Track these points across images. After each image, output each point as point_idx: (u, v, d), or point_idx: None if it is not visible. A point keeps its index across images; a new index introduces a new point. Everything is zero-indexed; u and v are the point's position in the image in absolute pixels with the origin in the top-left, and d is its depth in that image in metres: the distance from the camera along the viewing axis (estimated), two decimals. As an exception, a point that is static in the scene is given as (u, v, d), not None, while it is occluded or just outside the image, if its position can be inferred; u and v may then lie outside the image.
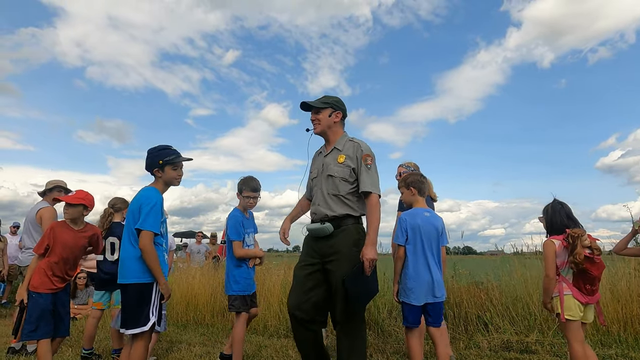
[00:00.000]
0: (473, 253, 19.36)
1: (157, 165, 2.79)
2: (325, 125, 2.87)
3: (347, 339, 2.63)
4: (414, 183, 3.14)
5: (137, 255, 2.64)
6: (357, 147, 2.80)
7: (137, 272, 2.63)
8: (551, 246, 2.79)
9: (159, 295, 2.70)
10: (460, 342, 4.49)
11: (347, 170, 2.75)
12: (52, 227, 3.19)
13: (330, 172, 2.77)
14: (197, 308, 6.28)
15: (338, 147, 2.85)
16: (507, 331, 4.66)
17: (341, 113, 2.90)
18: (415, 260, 2.95)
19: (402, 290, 2.99)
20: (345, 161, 2.77)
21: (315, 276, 2.74)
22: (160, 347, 4.53)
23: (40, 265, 3.11)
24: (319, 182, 2.85)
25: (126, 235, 2.73)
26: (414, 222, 3.00)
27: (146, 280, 2.65)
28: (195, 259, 10.44)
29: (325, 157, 2.88)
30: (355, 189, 2.76)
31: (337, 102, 2.91)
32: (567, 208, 2.91)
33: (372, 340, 4.73)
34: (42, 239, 3.16)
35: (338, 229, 2.70)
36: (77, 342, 4.73)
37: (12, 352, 4.24)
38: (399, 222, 3.04)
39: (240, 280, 3.57)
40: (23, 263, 4.30)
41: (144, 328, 2.62)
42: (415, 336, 2.95)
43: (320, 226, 2.71)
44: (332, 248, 2.68)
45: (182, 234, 16.03)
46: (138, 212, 2.65)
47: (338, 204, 2.73)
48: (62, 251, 3.17)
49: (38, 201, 4.48)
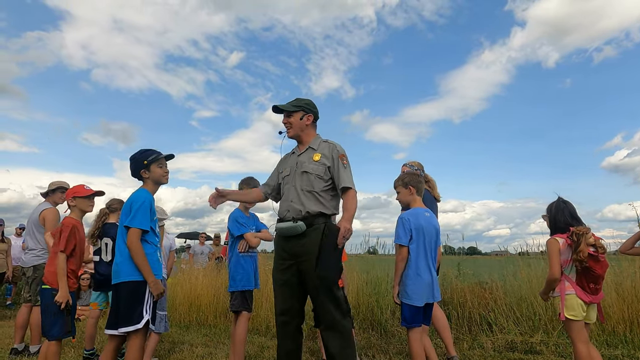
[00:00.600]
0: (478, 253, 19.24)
1: (142, 167, 2.84)
2: (298, 128, 2.89)
3: (335, 338, 2.61)
4: (412, 182, 3.11)
5: (129, 255, 2.66)
6: (332, 147, 2.83)
7: (129, 270, 2.65)
8: (555, 244, 2.76)
9: (150, 294, 2.70)
10: (464, 343, 4.45)
11: (323, 167, 2.77)
12: (75, 226, 3.16)
13: (305, 169, 2.78)
14: (199, 309, 6.28)
15: (313, 146, 2.87)
16: (512, 331, 4.61)
17: (312, 116, 2.92)
18: (417, 260, 2.94)
19: (403, 291, 2.96)
20: (320, 159, 2.79)
21: (292, 279, 2.74)
22: (162, 347, 4.53)
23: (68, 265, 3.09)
24: (291, 180, 2.84)
25: (120, 235, 2.76)
26: (418, 222, 2.98)
27: (138, 278, 2.65)
28: (199, 260, 10.44)
29: (299, 156, 2.88)
30: (329, 187, 2.79)
31: (309, 104, 2.92)
32: (571, 207, 2.88)
33: (375, 341, 4.70)
34: (66, 238, 3.07)
35: (310, 227, 2.68)
36: (80, 344, 4.73)
37: (15, 353, 4.26)
38: (401, 222, 3.01)
39: (237, 276, 3.58)
40: (26, 264, 4.30)
41: (138, 326, 2.61)
42: (419, 336, 2.94)
43: (293, 225, 2.68)
44: (304, 247, 2.67)
45: (186, 234, 16.07)
46: (129, 212, 2.70)
47: (312, 201, 2.73)
48: (80, 249, 3.22)
49: (41, 202, 4.49)
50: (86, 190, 3.29)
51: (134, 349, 2.62)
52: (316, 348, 4.41)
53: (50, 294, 3.05)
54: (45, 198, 4.46)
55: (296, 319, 2.79)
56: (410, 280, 2.93)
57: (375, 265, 6.33)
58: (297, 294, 2.75)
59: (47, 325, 3.06)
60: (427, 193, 3.80)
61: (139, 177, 2.88)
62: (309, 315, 5.26)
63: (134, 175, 2.88)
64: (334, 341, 2.61)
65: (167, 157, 2.93)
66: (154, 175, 2.86)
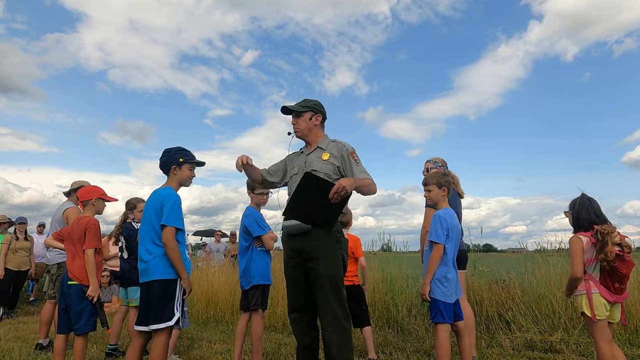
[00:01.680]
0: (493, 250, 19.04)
1: (176, 163, 2.89)
2: (306, 128, 2.88)
3: (334, 336, 2.60)
4: (446, 183, 3.16)
5: (160, 253, 2.72)
6: (341, 147, 2.82)
7: (160, 269, 2.71)
8: (578, 243, 2.72)
9: (182, 291, 2.77)
10: (481, 341, 4.42)
11: (332, 167, 2.75)
12: (96, 224, 3.30)
13: (314, 168, 2.76)
14: (217, 306, 6.36)
15: (321, 146, 2.86)
16: (531, 330, 4.56)
17: (321, 116, 2.91)
18: (449, 259, 3.03)
19: (437, 289, 2.98)
20: (329, 158, 2.77)
21: (301, 276, 2.75)
22: (181, 344, 4.60)
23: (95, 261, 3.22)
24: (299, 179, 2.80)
25: (147, 235, 2.80)
26: (452, 221, 3.07)
27: (169, 276, 2.72)
28: (215, 257, 10.56)
29: (308, 155, 2.87)
30: None
31: (317, 105, 2.92)
32: (596, 204, 2.83)
33: (392, 339, 4.70)
34: (94, 236, 3.23)
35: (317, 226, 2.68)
36: (102, 339, 4.84)
37: (40, 348, 4.38)
38: (439, 220, 3.03)
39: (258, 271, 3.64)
40: (51, 261, 4.42)
41: (169, 323, 2.68)
42: (448, 334, 2.99)
43: (299, 223, 2.69)
44: (312, 245, 2.66)
45: (202, 232, 16.26)
46: (160, 211, 2.74)
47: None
48: (101, 246, 3.34)
49: (63, 201, 4.60)
50: (109, 197, 3.51)
51: (160, 346, 2.67)
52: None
53: (79, 290, 3.15)
54: (68, 197, 4.57)
55: (308, 315, 2.80)
56: (445, 277, 2.98)
57: (390, 262, 6.32)
58: (307, 291, 2.75)
59: (76, 320, 3.15)
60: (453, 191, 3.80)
61: (166, 171, 2.93)
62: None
63: (163, 167, 2.92)
64: (333, 341, 2.60)
65: (199, 163, 3.00)
66: (183, 175, 2.92)
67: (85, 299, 3.14)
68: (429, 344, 4.41)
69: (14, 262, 6.77)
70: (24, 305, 8.08)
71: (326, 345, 2.63)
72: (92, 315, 3.18)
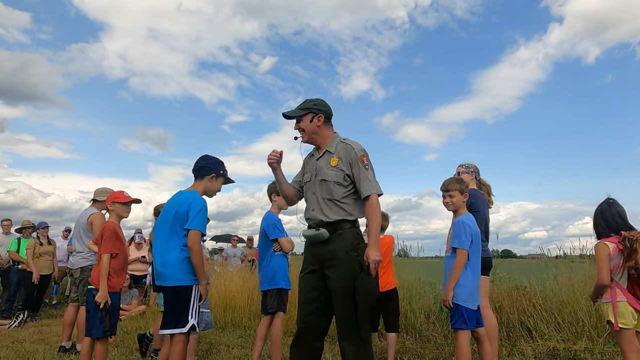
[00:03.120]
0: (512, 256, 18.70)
1: (215, 172, 2.94)
2: (310, 132, 2.75)
3: (351, 347, 2.53)
4: (467, 190, 3.18)
5: (179, 258, 2.72)
6: (349, 150, 2.67)
7: (178, 275, 2.71)
8: (604, 249, 2.65)
9: (198, 297, 2.76)
10: (502, 349, 4.34)
11: (341, 174, 2.65)
12: (115, 228, 3.33)
13: (323, 177, 2.68)
14: (234, 310, 6.39)
15: (330, 149, 2.75)
16: (553, 338, 4.47)
17: (323, 115, 2.76)
18: (474, 265, 3.02)
19: (461, 294, 2.96)
20: (338, 164, 2.67)
21: (317, 285, 2.67)
22: (200, 348, 4.64)
23: (112, 265, 3.24)
24: (312, 187, 2.76)
25: (166, 238, 2.78)
26: (475, 228, 3.07)
27: (186, 283, 2.71)
28: (231, 262, 10.64)
29: (318, 161, 2.78)
30: (351, 192, 2.67)
31: (317, 104, 2.77)
32: (618, 208, 2.76)
33: (410, 346, 4.66)
34: (108, 240, 3.24)
35: (334, 233, 2.62)
36: (123, 342, 4.92)
37: (63, 351, 4.46)
38: (463, 226, 3.01)
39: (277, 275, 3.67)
40: (74, 266, 4.51)
41: (182, 330, 2.67)
42: (468, 339, 2.97)
43: (316, 232, 2.64)
44: (330, 253, 2.60)
45: (219, 237, 16.40)
46: (185, 214, 2.74)
47: (333, 209, 2.65)
48: (124, 250, 3.39)
49: (86, 207, 4.70)
50: (125, 197, 3.46)
51: (177, 351, 2.68)
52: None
53: (92, 294, 3.21)
54: (92, 203, 4.67)
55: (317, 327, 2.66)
56: (469, 283, 2.97)
57: (407, 268, 6.26)
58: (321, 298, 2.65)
59: (89, 324, 3.21)
60: (483, 198, 3.79)
61: (199, 176, 2.94)
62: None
63: (198, 171, 2.93)
64: (350, 353, 2.53)
65: (228, 181, 3.09)
66: (214, 186, 2.97)
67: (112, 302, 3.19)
68: (448, 351, 4.35)
69: (38, 266, 6.94)
70: (47, 308, 8.26)
71: (343, 356, 2.57)
72: (102, 320, 3.17)
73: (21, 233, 7.77)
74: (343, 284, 2.53)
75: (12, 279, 7.46)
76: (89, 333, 3.23)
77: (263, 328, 3.73)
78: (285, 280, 3.70)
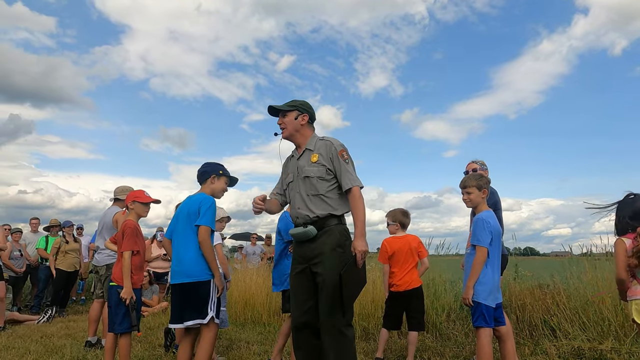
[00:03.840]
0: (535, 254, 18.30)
1: (216, 173, 3.09)
2: (292, 128, 2.82)
3: (332, 342, 2.52)
4: (486, 186, 3.10)
5: (195, 255, 2.85)
6: (329, 146, 2.73)
7: (195, 271, 2.84)
8: (621, 245, 2.59)
9: (216, 290, 2.89)
10: (525, 348, 4.27)
11: (323, 168, 2.69)
12: (136, 226, 3.43)
13: (306, 174, 2.72)
14: (254, 308, 6.46)
15: (309, 147, 2.80)
16: (578, 337, 4.36)
17: (307, 116, 2.84)
18: (494, 262, 2.99)
19: (481, 292, 2.93)
20: (318, 159, 2.71)
21: (306, 283, 2.69)
22: (220, 344, 4.71)
23: (133, 262, 3.33)
24: (296, 186, 2.80)
25: (180, 235, 2.94)
26: (495, 224, 3.02)
27: (203, 278, 2.84)
28: (251, 260, 10.75)
29: (299, 160, 2.83)
30: (334, 186, 2.71)
31: (304, 105, 2.86)
32: (633, 205, 2.67)
33: (430, 344, 4.62)
34: (130, 238, 3.33)
35: (321, 230, 2.65)
36: (146, 338, 5.03)
37: (89, 346, 4.60)
38: (483, 223, 2.97)
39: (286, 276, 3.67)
40: (100, 263, 4.65)
41: (203, 321, 2.80)
42: (489, 337, 2.94)
43: (304, 230, 2.66)
44: (316, 250, 2.63)
45: (238, 235, 16.61)
46: (197, 214, 2.89)
47: (318, 205, 2.67)
48: (142, 248, 3.48)
49: (110, 206, 4.82)
50: (145, 197, 3.54)
51: (206, 342, 2.80)
52: (370, 349, 4.41)
53: (115, 291, 3.29)
54: (115, 202, 4.79)
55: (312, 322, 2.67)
56: (489, 280, 2.93)
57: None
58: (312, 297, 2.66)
59: (112, 319, 3.30)
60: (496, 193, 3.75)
61: (202, 181, 3.10)
62: (362, 316, 5.26)
63: (202, 176, 3.10)
64: (330, 349, 2.52)
65: (234, 179, 3.23)
66: (218, 186, 3.11)
67: (121, 300, 3.25)
68: (469, 350, 4.30)
69: (65, 263, 7.16)
70: (74, 304, 8.52)
71: (323, 353, 2.55)
72: (126, 317, 3.27)
73: (49, 231, 8.04)
74: (329, 278, 2.54)
75: (41, 275, 7.74)
76: (111, 329, 3.32)
77: (286, 326, 3.76)
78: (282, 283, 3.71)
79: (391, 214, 4.19)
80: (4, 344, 4.81)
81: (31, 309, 7.70)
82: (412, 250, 4.01)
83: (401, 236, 4.09)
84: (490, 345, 2.92)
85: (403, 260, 3.98)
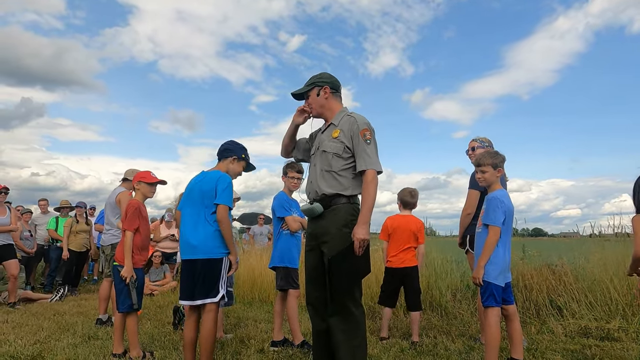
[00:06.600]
0: (543, 235, 18.22)
1: (237, 155, 3.10)
2: (318, 105, 2.73)
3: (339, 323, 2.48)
4: (501, 165, 3.02)
5: (210, 232, 2.86)
6: (352, 122, 2.59)
7: (209, 248, 2.85)
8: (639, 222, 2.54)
9: (227, 269, 2.90)
10: (531, 327, 4.28)
11: (341, 145, 2.59)
12: (138, 206, 3.40)
13: (324, 148, 2.64)
14: (261, 287, 6.55)
15: (334, 122, 2.70)
16: (585, 317, 4.35)
17: (328, 86, 2.70)
18: (506, 242, 2.96)
19: (492, 271, 2.90)
20: (339, 136, 2.61)
21: (318, 262, 2.63)
22: (228, 322, 4.78)
23: (134, 242, 3.33)
24: (314, 159, 2.74)
25: (195, 214, 2.92)
26: (509, 204, 2.97)
27: (216, 256, 2.85)
28: (259, 241, 10.83)
29: (322, 134, 2.76)
30: (350, 165, 2.60)
31: (321, 77, 2.74)
32: None
33: (437, 322, 4.65)
34: (132, 217, 3.33)
35: (327, 208, 2.59)
36: (155, 316, 5.12)
37: (100, 323, 4.69)
38: (496, 202, 2.91)
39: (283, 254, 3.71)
40: (105, 243, 4.71)
41: (214, 299, 2.81)
42: (498, 317, 2.93)
43: (310, 206, 2.63)
44: (323, 229, 2.59)
45: (246, 215, 16.72)
46: (214, 191, 2.89)
47: (329, 182, 2.60)
48: (146, 227, 3.47)
49: (117, 187, 4.86)
50: (151, 177, 3.53)
51: (209, 321, 2.81)
52: (375, 327, 4.44)
53: (117, 270, 3.32)
54: (122, 183, 4.84)
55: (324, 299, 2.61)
56: (500, 261, 2.91)
57: (433, 247, 6.21)
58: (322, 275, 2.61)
59: (118, 299, 3.34)
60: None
61: (222, 157, 3.11)
62: (368, 296, 5.29)
63: (223, 153, 3.11)
64: (337, 327, 2.48)
65: (250, 166, 3.25)
66: (236, 168, 3.12)
67: (122, 279, 3.27)
68: (474, 329, 4.32)
69: (75, 243, 7.26)
70: (85, 283, 8.69)
71: (331, 331, 2.51)
72: (129, 296, 3.27)
73: (59, 212, 8.14)
74: (334, 259, 2.47)
75: (52, 255, 7.87)
76: (117, 307, 3.37)
77: (277, 304, 3.82)
78: (290, 259, 3.71)
79: (399, 193, 4.19)
80: (17, 321, 4.93)
81: (44, 287, 7.87)
82: (411, 232, 4.01)
83: (403, 215, 4.10)
84: (499, 324, 2.91)
85: (398, 238, 4.01)
